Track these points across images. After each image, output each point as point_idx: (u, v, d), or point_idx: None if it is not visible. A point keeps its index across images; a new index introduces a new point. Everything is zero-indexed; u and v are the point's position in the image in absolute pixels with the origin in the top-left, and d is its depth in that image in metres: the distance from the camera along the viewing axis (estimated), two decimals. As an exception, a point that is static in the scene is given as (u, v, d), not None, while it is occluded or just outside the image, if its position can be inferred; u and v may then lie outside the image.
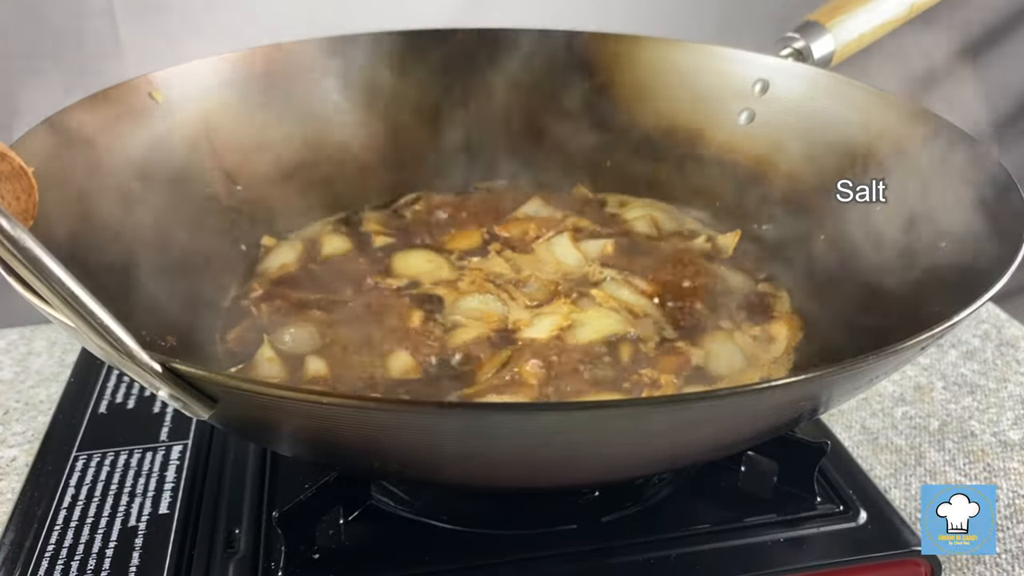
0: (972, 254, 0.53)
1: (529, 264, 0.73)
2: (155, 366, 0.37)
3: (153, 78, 0.69)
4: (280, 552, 0.49)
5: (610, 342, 0.63)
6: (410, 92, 0.81)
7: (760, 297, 0.69)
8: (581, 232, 0.77)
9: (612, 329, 0.64)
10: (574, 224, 0.78)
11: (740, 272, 0.72)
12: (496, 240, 0.76)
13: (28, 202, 0.47)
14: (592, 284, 0.70)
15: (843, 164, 0.69)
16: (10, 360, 0.80)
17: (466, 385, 0.59)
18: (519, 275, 0.71)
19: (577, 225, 0.78)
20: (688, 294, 0.69)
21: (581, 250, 0.74)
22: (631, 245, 0.75)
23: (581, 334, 0.63)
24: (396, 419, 0.38)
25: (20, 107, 0.66)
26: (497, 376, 0.59)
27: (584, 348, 0.62)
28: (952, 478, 0.67)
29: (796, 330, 0.65)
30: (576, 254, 0.73)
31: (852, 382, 0.44)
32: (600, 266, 0.72)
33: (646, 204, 0.81)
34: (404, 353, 0.61)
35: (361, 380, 0.59)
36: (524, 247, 0.75)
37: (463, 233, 0.77)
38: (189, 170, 0.70)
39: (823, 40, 0.73)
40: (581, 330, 0.64)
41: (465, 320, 0.65)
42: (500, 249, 0.75)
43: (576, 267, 0.72)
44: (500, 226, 0.78)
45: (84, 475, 0.58)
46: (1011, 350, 0.83)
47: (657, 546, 0.52)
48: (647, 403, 0.45)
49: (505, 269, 0.72)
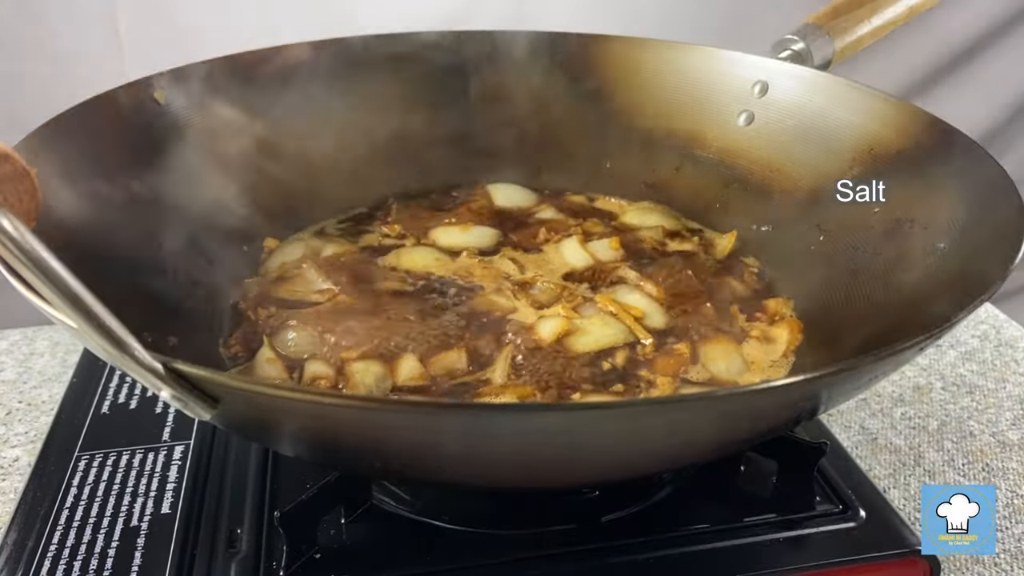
0: (971, 255, 0.53)
1: (536, 265, 0.73)
2: (157, 367, 0.37)
3: (155, 79, 0.69)
4: (282, 552, 0.50)
5: (610, 347, 0.63)
6: (411, 93, 0.81)
7: (759, 299, 0.69)
8: (591, 235, 0.77)
9: (612, 340, 0.64)
10: (583, 228, 0.78)
11: (739, 274, 0.72)
12: (507, 242, 0.76)
13: (31, 204, 0.47)
14: (599, 286, 0.70)
15: (842, 165, 0.69)
16: (13, 361, 0.80)
17: (474, 388, 0.59)
18: (524, 276, 0.71)
19: (585, 228, 0.78)
20: (687, 296, 0.69)
21: (589, 251, 0.74)
22: (632, 247, 0.75)
23: (581, 342, 0.63)
24: (397, 419, 0.38)
25: (22, 108, 0.66)
26: (502, 375, 0.59)
27: (584, 354, 0.62)
28: (951, 478, 0.67)
29: (795, 332, 0.65)
30: (584, 255, 0.74)
31: (851, 382, 0.44)
32: (609, 269, 0.72)
33: (645, 207, 0.81)
34: (410, 356, 0.61)
35: (364, 386, 0.59)
36: (534, 248, 0.76)
37: (470, 231, 0.77)
38: (190, 171, 0.70)
39: (822, 42, 0.74)
40: (583, 338, 0.63)
41: (472, 318, 0.65)
42: (513, 249, 0.75)
43: (584, 269, 0.73)
44: (509, 228, 0.78)
45: (86, 475, 0.58)
46: (1010, 350, 0.83)
47: (657, 546, 0.52)
48: (647, 403, 0.45)
49: (512, 269, 0.72)
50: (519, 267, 0.72)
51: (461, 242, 0.76)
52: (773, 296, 0.70)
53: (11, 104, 1.00)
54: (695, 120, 0.79)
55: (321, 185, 0.79)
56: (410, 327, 0.64)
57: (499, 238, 0.77)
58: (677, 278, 0.71)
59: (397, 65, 0.81)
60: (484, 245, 0.76)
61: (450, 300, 0.68)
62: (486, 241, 0.77)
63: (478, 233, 0.77)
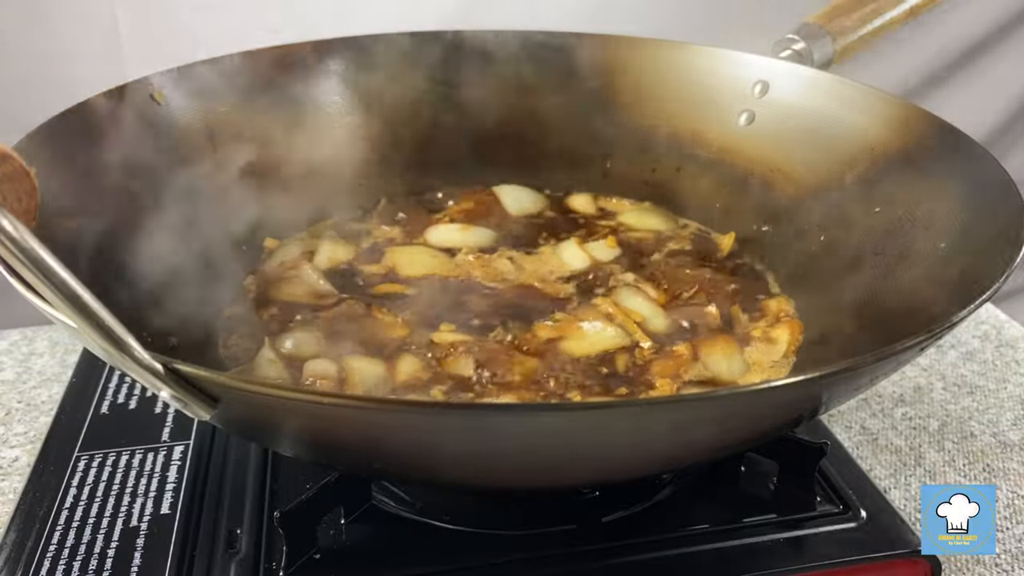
0: (972, 255, 0.53)
1: (534, 265, 0.73)
2: (157, 367, 0.37)
3: (154, 79, 0.69)
4: (281, 552, 0.49)
5: (610, 351, 0.63)
6: (410, 93, 0.81)
7: (759, 299, 0.69)
8: (591, 235, 0.77)
9: (610, 344, 0.63)
10: (584, 228, 0.78)
11: (739, 274, 0.72)
12: (506, 243, 0.76)
13: (30, 203, 0.47)
14: (599, 289, 0.70)
15: (843, 165, 0.69)
16: (12, 361, 0.80)
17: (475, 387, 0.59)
18: (520, 277, 0.71)
19: (585, 228, 0.78)
20: (687, 296, 0.69)
21: (587, 252, 0.74)
22: (632, 248, 0.75)
23: (579, 347, 0.63)
24: (397, 419, 0.38)
25: (22, 108, 0.66)
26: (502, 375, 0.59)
27: (584, 357, 0.62)
28: (951, 478, 0.67)
29: (796, 332, 0.65)
30: (583, 256, 0.74)
31: (852, 383, 0.44)
32: (607, 271, 0.72)
33: (646, 208, 0.81)
34: (410, 356, 0.61)
35: (364, 386, 0.59)
36: (532, 247, 0.76)
37: (469, 231, 0.77)
38: (190, 171, 0.70)
39: (823, 42, 0.74)
40: (579, 343, 0.63)
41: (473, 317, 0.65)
42: (510, 249, 0.75)
43: (583, 271, 0.72)
44: (508, 228, 0.78)
45: (86, 475, 0.58)
46: (1010, 351, 0.83)
47: (657, 546, 0.52)
48: (647, 403, 0.45)
49: (508, 268, 0.72)
50: (517, 267, 0.72)
51: (459, 242, 0.76)
52: (774, 296, 0.70)
53: (11, 104, 1.00)
54: (696, 120, 0.79)
55: (321, 185, 0.79)
56: (410, 327, 0.64)
57: (497, 239, 0.77)
58: (677, 279, 0.71)
59: (397, 65, 0.81)
60: (483, 245, 0.76)
61: (450, 300, 0.68)
62: (485, 241, 0.77)
63: (477, 233, 0.77)
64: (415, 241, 0.76)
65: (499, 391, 0.58)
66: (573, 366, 0.61)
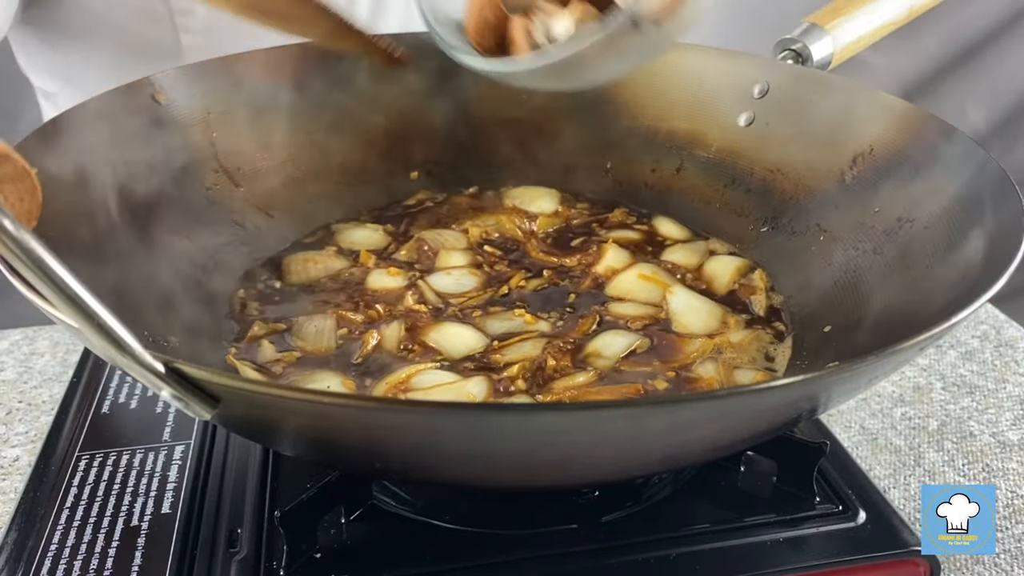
0: (971, 255, 0.53)
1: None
2: (157, 366, 0.37)
3: (155, 80, 0.69)
4: (282, 551, 0.50)
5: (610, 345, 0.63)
6: (411, 93, 0.81)
7: (759, 299, 0.69)
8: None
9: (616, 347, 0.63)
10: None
11: (739, 274, 0.72)
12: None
13: (31, 203, 0.47)
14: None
15: (843, 165, 0.69)
16: (13, 360, 0.80)
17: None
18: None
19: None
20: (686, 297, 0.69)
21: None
22: (632, 249, 0.75)
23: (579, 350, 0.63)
24: (397, 419, 0.39)
25: (22, 109, 0.66)
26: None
27: (582, 359, 0.62)
28: (951, 478, 0.67)
29: (796, 332, 0.65)
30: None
31: (851, 382, 0.44)
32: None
33: (645, 209, 0.81)
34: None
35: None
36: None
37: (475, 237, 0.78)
38: (191, 172, 0.70)
39: (822, 42, 0.74)
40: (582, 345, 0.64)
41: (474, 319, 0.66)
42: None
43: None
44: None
45: (87, 475, 0.58)
46: (1010, 351, 0.83)
47: (657, 546, 0.52)
48: (647, 403, 0.45)
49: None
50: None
51: (461, 243, 0.76)
52: (773, 296, 0.70)
53: (11, 104, 1.00)
54: (696, 120, 0.79)
55: (324, 186, 0.79)
56: (414, 327, 0.64)
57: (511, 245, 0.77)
58: (677, 279, 0.71)
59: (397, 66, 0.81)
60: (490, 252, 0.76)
61: (449, 300, 0.68)
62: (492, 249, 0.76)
63: (480, 233, 0.77)
64: (413, 241, 0.75)
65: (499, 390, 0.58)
66: (573, 363, 0.61)
